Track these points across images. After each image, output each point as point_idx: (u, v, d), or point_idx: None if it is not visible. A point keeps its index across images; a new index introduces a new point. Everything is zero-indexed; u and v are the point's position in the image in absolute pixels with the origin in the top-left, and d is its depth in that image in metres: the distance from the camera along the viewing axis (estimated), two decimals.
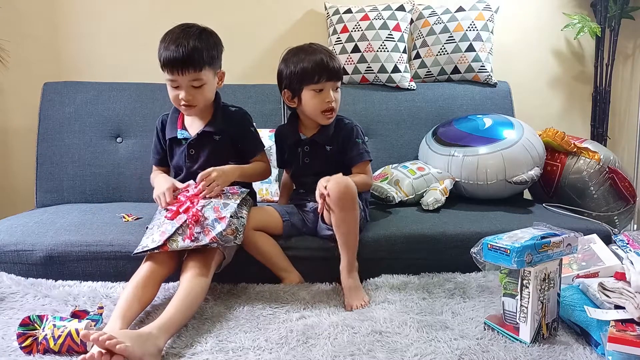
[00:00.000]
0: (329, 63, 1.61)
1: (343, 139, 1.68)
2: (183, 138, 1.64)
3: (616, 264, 1.46)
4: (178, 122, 1.67)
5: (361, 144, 1.68)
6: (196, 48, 1.51)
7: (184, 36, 1.52)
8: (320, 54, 1.62)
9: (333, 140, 1.69)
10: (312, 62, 1.60)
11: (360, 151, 1.67)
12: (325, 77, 1.61)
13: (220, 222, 1.45)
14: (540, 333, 1.23)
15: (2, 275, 1.58)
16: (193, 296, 1.34)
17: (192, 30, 1.55)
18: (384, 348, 1.21)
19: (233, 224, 1.47)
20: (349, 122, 1.71)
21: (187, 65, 1.50)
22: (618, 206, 1.99)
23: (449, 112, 2.33)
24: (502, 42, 2.55)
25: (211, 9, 2.47)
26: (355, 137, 1.68)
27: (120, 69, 2.46)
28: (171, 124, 1.68)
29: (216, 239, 1.42)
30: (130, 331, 1.18)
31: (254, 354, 1.19)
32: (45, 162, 2.14)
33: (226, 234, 1.44)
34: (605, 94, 2.61)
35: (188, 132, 1.65)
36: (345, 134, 1.68)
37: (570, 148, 2.03)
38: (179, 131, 1.65)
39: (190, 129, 1.65)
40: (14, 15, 2.41)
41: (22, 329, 1.19)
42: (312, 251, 1.64)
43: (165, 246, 1.40)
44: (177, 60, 1.49)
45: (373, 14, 2.37)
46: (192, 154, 1.63)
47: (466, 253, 1.33)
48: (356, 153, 1.67)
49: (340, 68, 1.66)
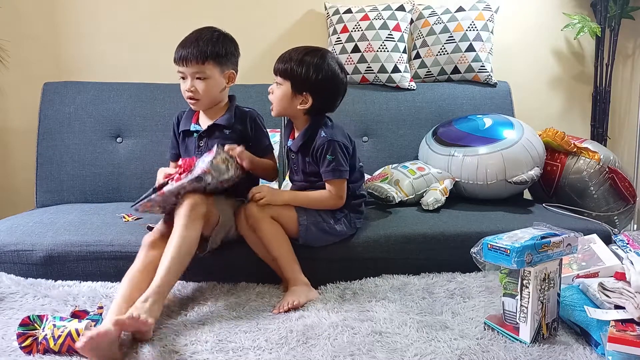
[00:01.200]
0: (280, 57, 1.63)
1: (316, 151, 1.60)
2: (195, 130, 1.69)
3: (616, 264, 1.46)
4: (193, 117, 1.72)
5: (332, 160, 1.57)
6: (202, 42, 1.61)
7: (196, 33, 1.64)
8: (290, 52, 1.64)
9: (307, 150, 1.63)
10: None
11: (327, 168, 1.58)
12: (178, 58, 1.63)
13: (208, 155, 1.49)
14: (540, 333, 1.23)
15: (2, 276, 1.58)
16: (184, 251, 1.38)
17: (207, 30, 1.65)
18: (384, 348, 1.21)
19: (219, 154, 1.49)
20: (326, 135, 1.59)
21: (190, 57, 1.59)
22: (618, 206, 1.99)
23: (449, 112, 2.33)
24: (502, 42, 2.55)
25: (211, 9, 2.47)
26: (326, 153, 1.57)
27: (120, 69, 2.46)
28: (186, 119, 1.73)
29: (208, 170, 1.44)
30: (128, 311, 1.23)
31: (254, 354, 1.19)
32: (45, 162, 2.14)
33: (216, 162, 1.46)
34: (605, 94, 2.61)
35: (200, 127, 1.69)
36: (318, 147, 1.59)
37: (570, 148, 2.03)
38: (192, 125, 1.70)
39: (203, 123, 1.70)
40: (14, 15, 2.41)
41: (22, 329, 1.19)
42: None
43: (160, 190, 1.44)
44: (183, 52, 1.60)
45: (373, 14, 2.37)
46: (202, 145, 1.67)
47: (466, 253, 1.33)
48: (324, 170, 1.59)
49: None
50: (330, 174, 1.59)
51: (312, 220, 1.60)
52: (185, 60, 1.60)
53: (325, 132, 1.60)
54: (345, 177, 1.61)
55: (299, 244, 1.59)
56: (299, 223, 1.59)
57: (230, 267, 1.59)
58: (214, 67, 1.62)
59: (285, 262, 1.55)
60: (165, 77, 2.28)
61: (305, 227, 1.59)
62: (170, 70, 1.70)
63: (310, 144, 1.61)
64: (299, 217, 1.59)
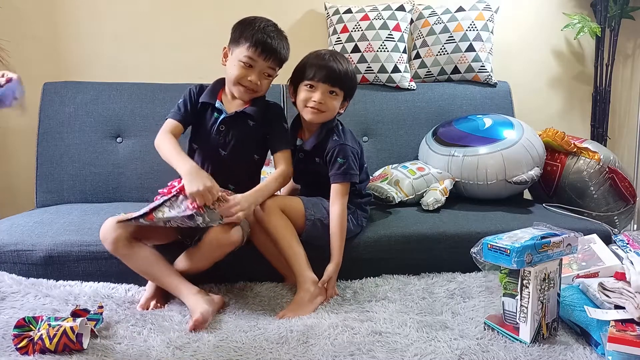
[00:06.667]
0: (332, 65, 1.60)
1: (327, 154, 1.62)
2: (219, 109, 1.64)
3: (616, 264, 1.46)
4: (218, 94, 1.67)
5: (342, 164, 1.59)
6: (285, 43, 1.62)
7: (278, 31, 1.62)
8: (331, 60, 1.61)
9: (318, 152, 1.64)
10: (317, 61, 1.61)
11: (337, 171, 1.60)
12: (322, 77, 1.59)
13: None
14: (540, 333, 1.23)
15: (3, 275, 1.58)
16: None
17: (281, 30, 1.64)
18: (383, 348, 1.21)
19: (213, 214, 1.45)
20: (337, 139, 1.63)
21: (276, 54, 1.58)
22: (618, 206, 1.99)
23: (449, 112, 2.33)
24: (502, 42, 2.55)
25: (211, 9, 2.47)
26: (337, 157, 1.60)
27: (120, 69, 2.46)
28: (210, 92, 1.67)
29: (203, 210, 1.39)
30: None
31: (254, 353, 1.19)
32: (45, 162, 2.14)
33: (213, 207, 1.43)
34: (605, 94, 2.61)
35: (224, 108, 1.65)
36: (329, 149, 1.62)
37: (570, 148, 2.03)
38: (217, 102, 1.65)
39: (227, 105, 1.66)
40: (14, 15, 2.41)
41: (17, 331, 1.18)
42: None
43: (150, 215, 1.39)
44: (271, 45, 1.57)
45: (373, 14, 2.37)
46: (222, 130, 1.63)
47: (466, 253, 1.34)
48: (333, 173, 1.60)
49: (343, 74, 1.61)
50: (340, 176, 1.60)
51: (320, 215, 1.60)
52: (270, 55, 1.57)
53: (337, 135, 1.64)
54: (355, 180, 1.63)
55: (302, 240, 1.58)
56: (306, 217, 1.58)
57: (230, 266, 1.59)
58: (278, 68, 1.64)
59: (294, 256, 1.53)
60: (166, 77, 2.28)
61: (312, 223, 1.59)
62: (170, 70, 1.70)
63: (324, 145, 1.63)
64: (306, 212, 1.59)
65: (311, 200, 1.63)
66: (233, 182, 1.62)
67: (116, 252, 1.45)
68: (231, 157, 1.63)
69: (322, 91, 1.60)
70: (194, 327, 1.30)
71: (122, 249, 1.44)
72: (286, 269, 1.58)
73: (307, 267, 1.52)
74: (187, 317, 1.37)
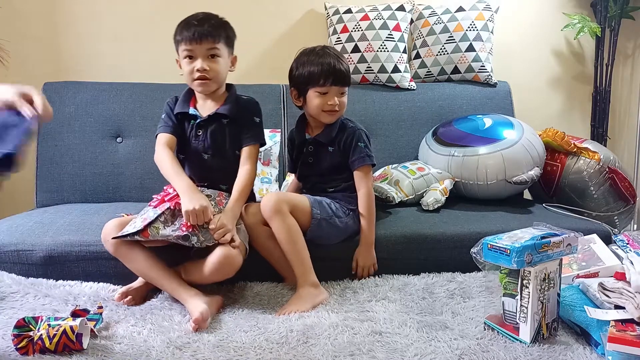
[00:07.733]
0: (337, 68, 1.63)
1: (345, 141, 1.67)
2: (193, 115, 1.65)
3: (616, 264, 1.46)
4: (191, 101, 1.68)
5: (363, 148, 1.66)
6: (213, 21, 1.61)
7: (202, 14, 1.62)
8: (330, 58, 1.64)
9: (335, 141, 1.69)
10: (320, 65, 1.62)
11: (360, 155, 1.66)
12: (331, 81, 1.63)
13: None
14: (540, 333, 1.23)
15: (3, 275, 1.58)
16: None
17: (209, 13, 1.64)
18: (384, 348, 1.21)
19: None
20: (353, 125, 1.71)
21: (206, 35, 1.57)
22: (618, 206, 1.99)
23: (449, 112, 2.33)
24: (502, 42, 2.55)
25: (211, 9, 2.46)
26: (357, 141, 1.67)
27: (120, 69, 2.46)
28: (183, 102, 1.68)
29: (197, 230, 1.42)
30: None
31: (254, 353, 1.19)
32: (45, 162, 2.14)
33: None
34: (605, 94, 2.61)
35: (199, 113, 1.65)
36: (347, 136, 1.68)
37: (570, 148, 2.03)
38: (191, 109, 1.66)
39: (201, 110, 1.66)
40: (14, 15, 2.41)
41: (17, 331, 1.18)
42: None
43: (145, 231, 1.40)
44: (197, 29, 1.57)
45: (373, 14, 2.37)
46: (200, 134, 1.64)
47: (466, 253, 1.34)
48: (356, 157, 1.66)
49: (347, 73, 1.67)
50: (362, 159, 1.66)
51: (325, 214, 1.61)
52: (200, 37, 1.55)
53: (351, 122, 1.73)
54: (374, 162, 1.69)
55: (306, 239, 1.57)
56: (311, 217, 1.59)
57: None
58: (224, 47, 1.61)
59: (297, 258, 1.52)
60: (165, 77, 2.28)
61: (317, 222, 1.59)
62: (170, 70, 1.70)
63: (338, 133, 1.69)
64: (312, 210, 1.59)
65: (317, 199, 1.64)
66: (223, 183, 1.62)
67: (117, 253, 1.46)
68: (214, 158, 1.64)
69: (334, 94, 1.65)
70: (194, 327, 1.30)
71: (122, 250, 1.45)
72: (287, 270, 1.58)
73: (310, 269, 1.52)
74: (187, 317, 1.37)
